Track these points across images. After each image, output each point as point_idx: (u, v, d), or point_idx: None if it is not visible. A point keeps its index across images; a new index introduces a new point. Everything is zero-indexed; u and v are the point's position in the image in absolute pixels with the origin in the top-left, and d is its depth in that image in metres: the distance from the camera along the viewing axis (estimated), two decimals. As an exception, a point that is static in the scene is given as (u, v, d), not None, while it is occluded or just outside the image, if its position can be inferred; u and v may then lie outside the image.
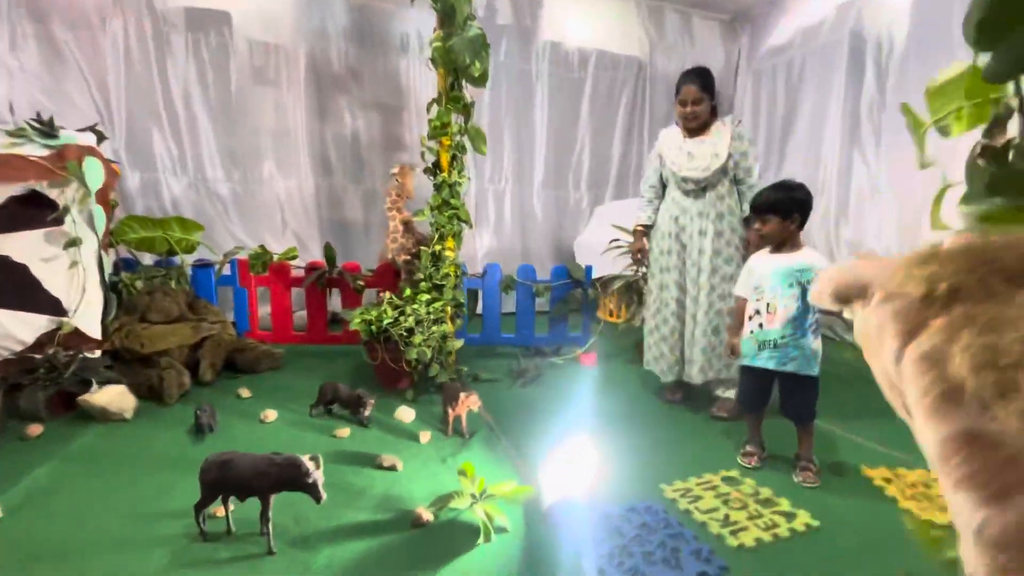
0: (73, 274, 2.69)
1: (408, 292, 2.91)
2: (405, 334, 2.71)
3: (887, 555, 1.54)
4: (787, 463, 2.05)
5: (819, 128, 4.71)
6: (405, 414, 2.46)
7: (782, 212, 1.90)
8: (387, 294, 2.89)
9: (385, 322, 2.72)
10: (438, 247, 2.95)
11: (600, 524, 1.64)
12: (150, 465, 1.96)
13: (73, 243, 2.65)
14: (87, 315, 2.73)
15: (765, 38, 5.43)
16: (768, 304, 1.92)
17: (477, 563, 1.46)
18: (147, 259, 3.53)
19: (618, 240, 3.56)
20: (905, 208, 4.10)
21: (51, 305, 2.66)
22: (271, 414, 2.42)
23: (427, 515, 1.64)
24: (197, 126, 4.29)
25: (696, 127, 2.61)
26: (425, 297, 2.86)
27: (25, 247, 2.61)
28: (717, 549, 1.53)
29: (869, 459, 2.12)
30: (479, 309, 3.74)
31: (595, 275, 3.59)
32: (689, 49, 5.73)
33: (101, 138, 2.89)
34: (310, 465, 1.47)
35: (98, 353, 2.73)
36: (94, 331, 2.75)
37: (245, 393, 2.71)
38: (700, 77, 2.56)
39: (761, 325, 1.94)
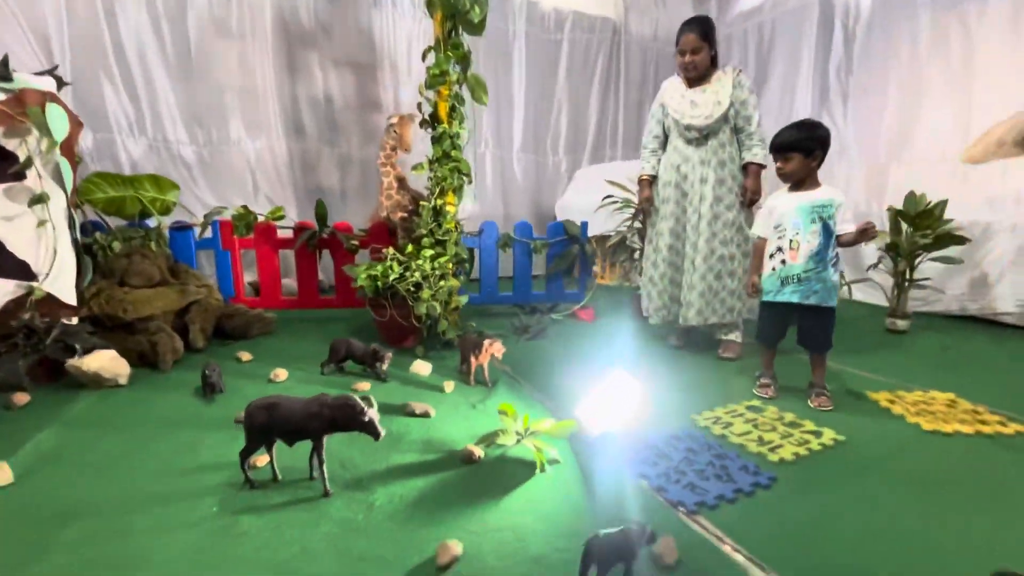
0: (41, 234, 2.44)
1: (410, 248, 2.83)
2: (413, 289, 2.64)
3: (909, 459, 1.66)
4: (797, 393, 2.17)
5: (790, 90, 4.88)
6: (421, 367, 2.42)
7: (804, 150, 1.95)
8: (390, 250, 2.80)
9: (392, 278, 2.64)
10: (439, 201, 2.87)
11: (647, 451, 1.68)
12: (164, 426, 1.84)
13: (39, 200, 2.40)
14: (60, 279, 2.49)
15: (735, 2, 5.53)
16: (791, 241, 2.00)
17: (539, 491, 1.47)
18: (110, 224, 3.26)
19: (612, 196, 3.59)
20: (871, 165, 4.34)
21: (18, 269, 2.41)
22: (282, 373, 2.32)
23: (478, 452, 1.63)
24: (154, 83, 3.95)
25: (696, 76, 2.64)
26: (429, 253, 2.79)
27: (-18, 205, 2.34)
28: (761, 464, 1.61)
29: (868, 386, 2.27)
30: (474, 273, 3.70)
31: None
32: (662, 12, 5.77)
33: (61, 84, 2.61)
34: (363, 404, 1.42)
35: (75, 321, 2.52)
36: (69, 297, 2.52)
37: (245, 356, 2.58)
38: (700, 26, 2.57)
39: (784, 261, 2.02)
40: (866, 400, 2.13)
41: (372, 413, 1.42)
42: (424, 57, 2.92)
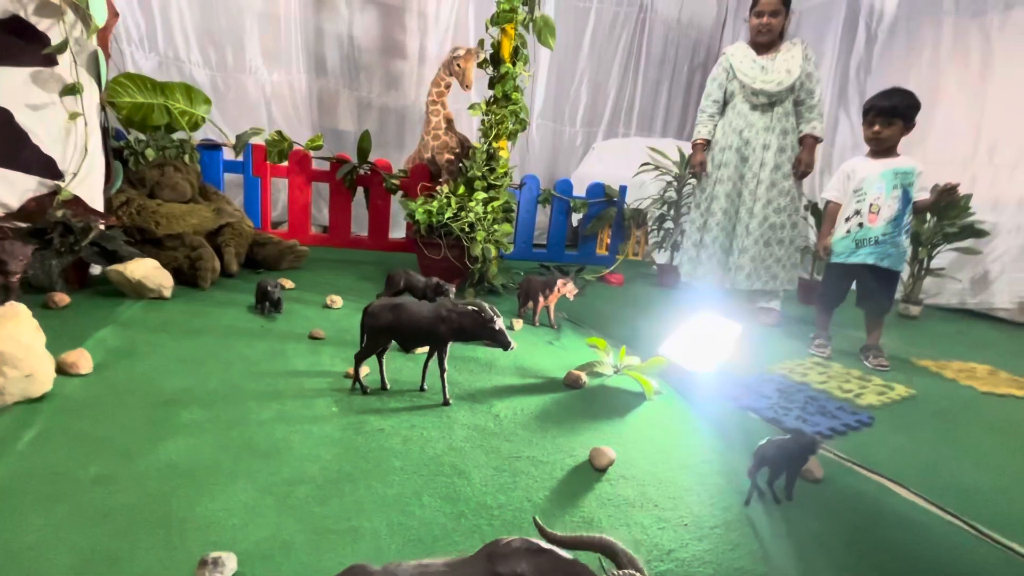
0: (71, 129, 2.22)
1: (462, 190, 2.74)
2: (468, 230, 2.57)
3: (981, 412, 1.75)
4: (845, 356, 2.25)
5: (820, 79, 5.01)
6: (480, 307, 2.36)
7: (906, 117, 2.00)
8: (444, 188, 2.70)
9: (447, 215, 2.56)
10: (494, 145, 2.79)
11: (741, 388, 1.70)
12: (238, 335, 1.72)
13: (72, 90, 2.18)
14: (88, 182, 2.28)
15: (759, -7, 5.60)
16: (871, 204, 2.05)
17: (656, 415, 1.46)
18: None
19: (649, 163, 3.59)
20: (881, 163, 4.53)
21: (42, 165, 2.19)
22: (337, 299, 2.21)
23: (585, 377, 1.61)
24: (168, -2, 3.66)
25: (768, 41, 2.66)
26: (481, 196, 2.71)
27: (5, 88, 2.10)
28: (852, 407, 1.66)
29: (908, 356, 2.38)
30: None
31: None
32: (687, -5, 5.78)
33: (101, -34, 2.35)
34: (492, 312, 1.36)
35: (103, 227, 2.31)
36: (96, 202, 2.31)
37: (288, 284, 2.44)
38: None
39: (861, 224, 2.08)
40: (916, 366, 2.23)
41: (500, 322, 1.36)
42: (491, -8, 2.81)
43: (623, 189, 3.51)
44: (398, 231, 4.02)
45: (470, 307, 1.35)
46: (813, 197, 3.68)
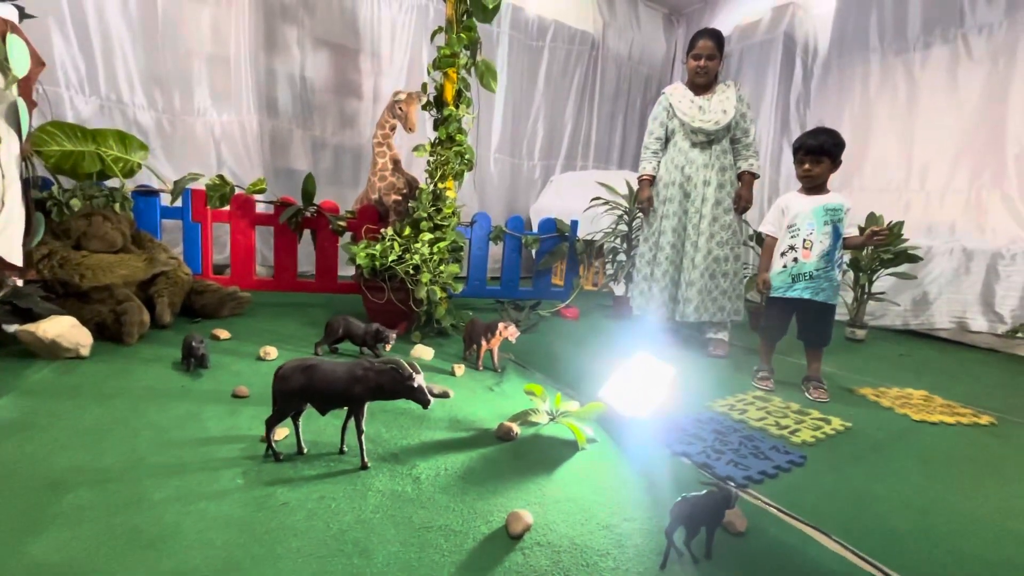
0: (-14, 182, 2.12)
1: (408, 231, 2.72)
2: (412, 272, 2.54)
3: (912, 442, 1.77)
4: (788, 386, 2.27)
5: (753, 118, 5.22)
6: (423, 352, 2.31)
7: (832, 155, 2.08)
8: (389, 230, 2.67)
9: (391, 258, 2.52)
10: (440, 186, 2.79)
11: (677, 431, 1.68)
12: (153, 397, 1.63)
13: (-12, 142, 2.09)
14: (6, 235, 2.17)
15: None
16: (804, 240, 2.10)
17: (585, 467, 1.43)
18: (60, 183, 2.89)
19: (600, 198, 3.65)
20: (824, 191, 4.71)
21: (-47, 219, 2.07)
22: (272, 351, 2.13)
23: (516, 429, 1.57)
24: (112, 37, 3.61)
25: (705, 82, 2.76)
26: (427, 237, 2.69)
27: (-87, 141, 2.01)
28: (787, 445, 1.65)
29: (849, 383, 2.42)
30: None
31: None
32: (636, 32, 6.01)
33: (24, 15, 2.30)
34: (410, 369, 1.32)
35: (20, 283, 2.19)
36: (14, 256, 2.19)
37: (223, 335, 2.35)
38: (716, 36, 2.71)
39: (796, 259, 2.12)
40: (855, 394, 2.26)
41: (420, 379, 1.32)
42: (432, 38, 2.86)
43: (574, 224, 3.55)
44: (348, 269, 3.96)
45: (388, 365, 1.31)
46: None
